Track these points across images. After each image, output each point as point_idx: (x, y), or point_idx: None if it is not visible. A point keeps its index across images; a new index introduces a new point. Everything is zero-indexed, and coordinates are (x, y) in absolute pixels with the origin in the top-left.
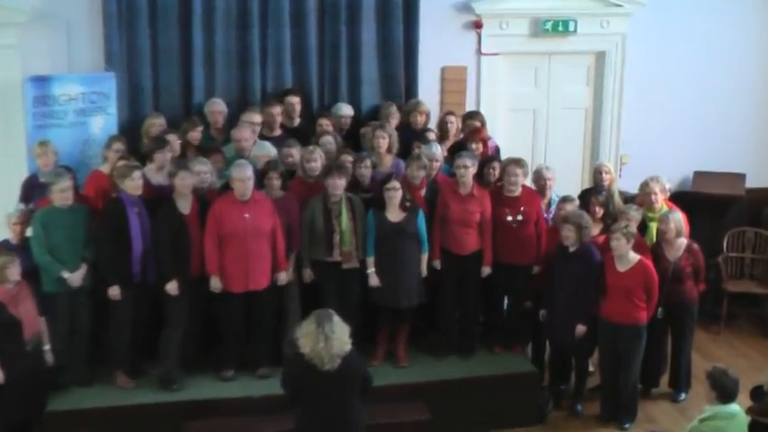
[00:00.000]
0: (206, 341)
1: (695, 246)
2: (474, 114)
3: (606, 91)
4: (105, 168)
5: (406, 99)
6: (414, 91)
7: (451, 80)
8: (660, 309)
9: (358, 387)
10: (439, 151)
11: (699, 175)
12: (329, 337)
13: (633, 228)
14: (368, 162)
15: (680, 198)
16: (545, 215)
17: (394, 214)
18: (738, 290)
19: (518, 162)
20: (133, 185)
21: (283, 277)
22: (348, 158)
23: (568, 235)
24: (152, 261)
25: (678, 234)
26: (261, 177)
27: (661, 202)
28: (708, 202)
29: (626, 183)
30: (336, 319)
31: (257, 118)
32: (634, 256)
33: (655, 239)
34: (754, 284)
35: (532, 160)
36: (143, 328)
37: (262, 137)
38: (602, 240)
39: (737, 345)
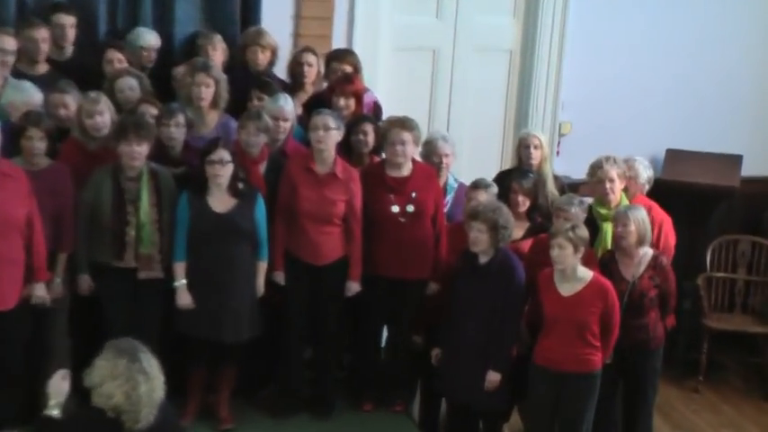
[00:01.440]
0: None
1: (663, 260)
2: (343, 55)
3: (542, 27)
4: None
5: (241, 27)
6: (255, 15)
7: (312, 2)
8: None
9: None
10: (289, 107)
11: (673, 155)
12: (150, 378)
13: (583, 229)
14: (180, 119)
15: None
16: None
17: (219, 201)
18: (726, 327)
19: (405, 123)
20: None
21: (41, 293)
22: (151, 111)
23: (478, 238)
24: None
25: (641, 241)
26: (14, 137)
27: (618, 192)
28: (685, 197)
29: (565, 163)
30: (146, 350)
31: (10, 44)
32: (585, 273)
33: (608, 248)
34: (750, 320)
35: (429, 125)
36: None
37: (18, 74)
38: (528, 247)
39: (724, 409)
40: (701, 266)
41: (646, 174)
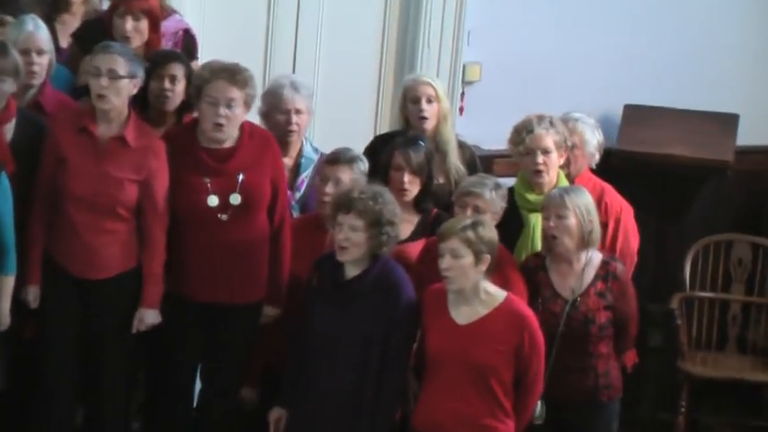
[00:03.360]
0: None
1: (619, 267)
2: None
3: None
4: None
5: None
6: None
7: None
8: (540, 405)
9: None
10: (44, 33)
11: (633, 114)
12: None
13: (489, 227)
14: None
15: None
16: (293, 194)
17: None
18: (714, 373)
19: (234, 75)
20: None
21: None
22: None
23: (347, 238)
24: None
25: (585, 241)
26: None
27: (555, 170)
28: (652, 176)
29: (473, 126)
30: None
31: None
32: (494, 293)
33: (537, 249)
34: (748, 363)
35: (266, 71)
36: None
37: None
38: (418, 253)
39: None
40: (676, 282)
41: (594, 139)
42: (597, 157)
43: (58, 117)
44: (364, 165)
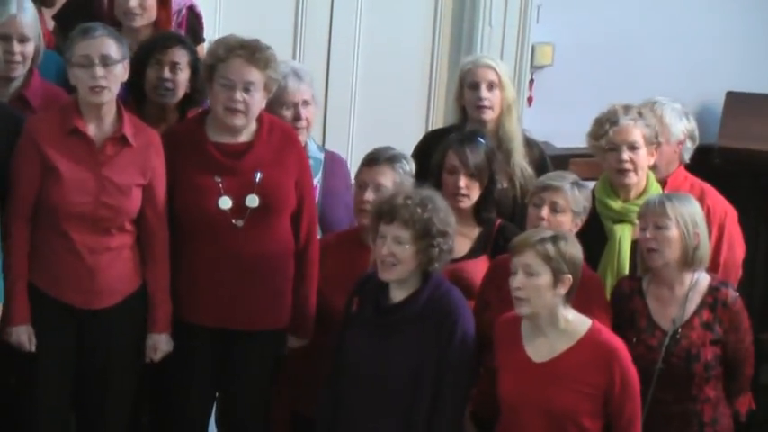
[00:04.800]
0: None
1: (731, 293)
2: None
3: None
4: None
5: None
6: None
7: None
8: None
9: None
10: (30, 16)
11: (736, 102)
12: None
13: (573, 243)
14: None
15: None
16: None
17: None
18: None
19: (253, 52)
20: None
21: None
22: None
23: (391, 252)
24: None
25: (688, 258)
26: None
27: (645, 170)
28: (759, 177)
29: (544, 119)
30: None
31: None
32: (576, 322)
33: (623, 267)
34: None
35: (297, 44)
36: None
37: None
38: (483, 272)
39: None
40: None
41: (681, 124)
42: (689, 146)
43: (36, 119)
44: (409, 165)
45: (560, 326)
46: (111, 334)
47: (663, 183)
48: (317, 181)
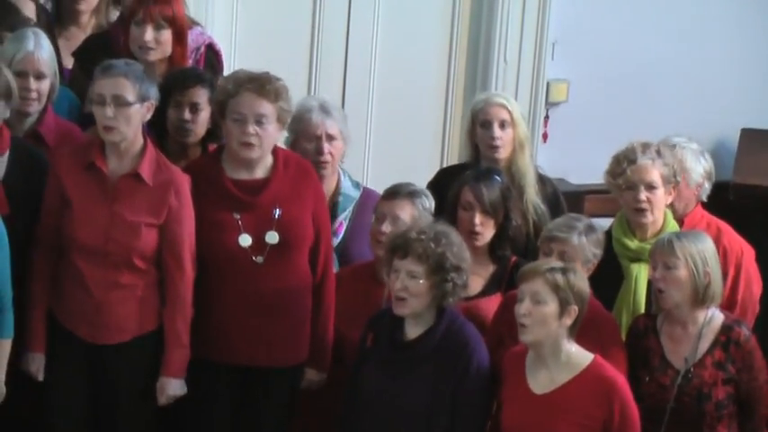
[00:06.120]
0: None
1: (744, 332)
2: None
3: None
4: None
5: None
6: None
7: None
8: None
9: None
10: (47, 53)
11: (752, 138)
12: None
13: (581, 276)
14: None
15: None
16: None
17: None
18: None
19: (263, 85)
20: None
21: None
22: None
23: (405, 287)
24: None
25: (699, 297)
26: None
27: (662, 209)
28: None
29: (558, 156)
30: None
31: None
32: (577, 356)
33: (640, 306)
34: None
35: (312, 81)
36: None
37: None
38: (494, 309)
39: None
40: None
41: (699, 166)
42: (707, 186)
43: (61, 152)
44: (429, 201)
45: (562, 358)
46: (119, 372)
47: (680, 221)
48: (343, 216)
